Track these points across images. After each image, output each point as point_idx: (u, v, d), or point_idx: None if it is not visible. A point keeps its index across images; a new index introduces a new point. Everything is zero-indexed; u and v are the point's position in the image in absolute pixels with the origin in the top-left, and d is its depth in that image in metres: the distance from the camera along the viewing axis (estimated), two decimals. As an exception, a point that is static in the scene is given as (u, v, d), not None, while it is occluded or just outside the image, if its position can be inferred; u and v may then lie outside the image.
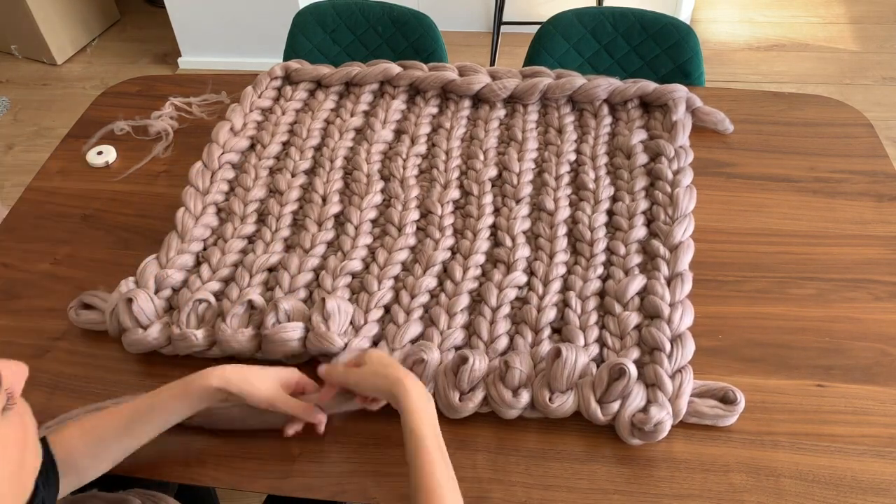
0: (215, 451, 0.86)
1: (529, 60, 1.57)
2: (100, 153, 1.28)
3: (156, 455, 0.86)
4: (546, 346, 0.92)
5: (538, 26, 1.59)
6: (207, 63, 2.86)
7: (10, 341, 1.00)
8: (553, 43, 1.55)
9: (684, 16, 2.87)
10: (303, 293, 1.00)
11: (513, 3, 2.86)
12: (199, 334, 0.92)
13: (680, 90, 1.27)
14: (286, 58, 1.62)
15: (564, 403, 0.85)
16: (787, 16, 3.04)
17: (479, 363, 0.86)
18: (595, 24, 1.54)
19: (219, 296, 1.01)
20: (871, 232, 1.08)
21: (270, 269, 1.04)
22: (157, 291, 1.00)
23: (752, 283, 1.02)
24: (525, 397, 0.86)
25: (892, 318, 0.97)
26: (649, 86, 1.28)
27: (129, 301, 0.94)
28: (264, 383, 0.80)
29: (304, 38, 1.62)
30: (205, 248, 1.08)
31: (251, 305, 0.95)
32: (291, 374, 0.84)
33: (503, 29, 2.74)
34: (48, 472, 0.71)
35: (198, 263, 1.06)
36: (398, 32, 1.59)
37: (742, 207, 1.13)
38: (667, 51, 1.50)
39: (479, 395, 0.87)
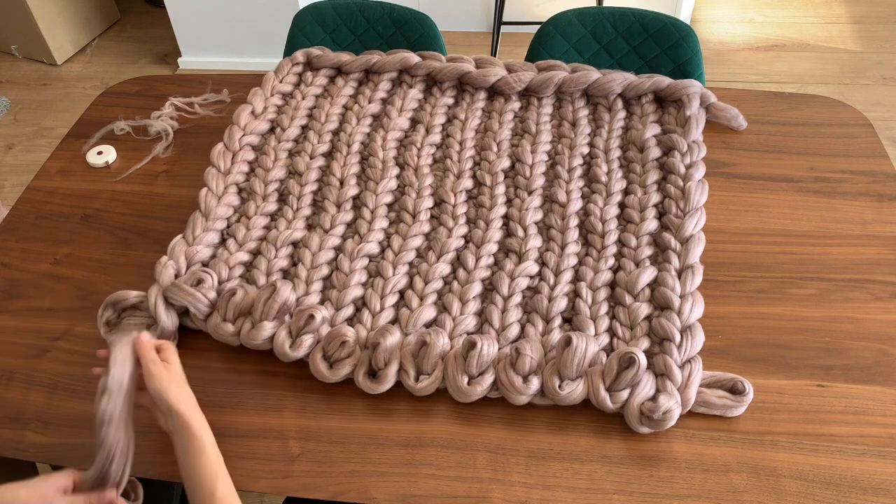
0: (215, 451, 0.86)
1: (529, 60, 1.56)
2: (100, 153, 1.28)
3: (156, 455, 0.86)
4: (557, 335, 0.93)
5: (538, 26, 1.59)
6: (207, 63, 2.86)
7: (10, 341, 1.00)
8: (553, 43, 1.55)
9: (684, 16, 2.87)
10: (326, 269, 1.03)
11: (513, 3, 2.86)
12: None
13: (695, 85, 1.28)
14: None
15: (574, 391, 0.86)
16: (787, 16, 3.05)
17: (487, 348, 0.87)
18: (595, 24, 1.54)
19: (248, 266, 1.04)
20: (871, 232, 1.08)
21: (293, 245, 1.07)
22: (188, 267, 1.03)
23: (752, 283, 1.02)
24: (535, 384, 0.87)
25: (892, 318, 0.97)
26: (664, 81, 1.29)
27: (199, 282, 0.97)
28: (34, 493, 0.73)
29: (304, 38, 1.62)
30: (228, 226, 1.11)
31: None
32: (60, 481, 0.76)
33: (503, 29, 2.74)
34: None
35: (223, 241, 1.09)
36: (398, 32, 1.59)
37: (742, 207, 1.13)
38: (667, 51, 1.50)
39: (488, 380, 0.88)
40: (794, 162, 1.21)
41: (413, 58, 1.35)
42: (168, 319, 0.95)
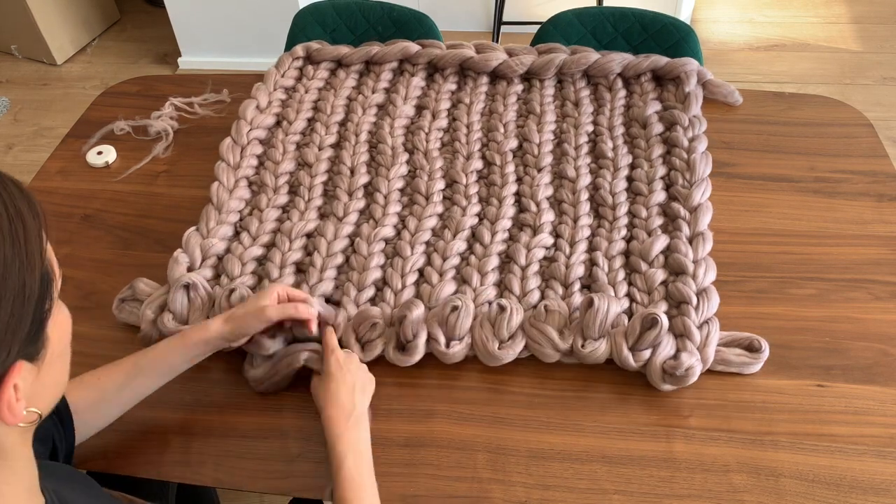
0: (215, 451, 0.86)
1: (529, 60, 1.56)
2: (100, 153, 1.28)
3: (156, 455, 0.86)
4: (577, 299, 0.96)
5: (538, 26, 1.59)
6: (207, 63, 2.86)
7: (10, 341, 0.99)
8: (553, 43, 1.54)
9: (684, 16, 2.87)
10: (340, 258, 1.04)
11: (513, 3, 2.86)
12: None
13: (691, 63, 1.31)
14: (286, 58, 1.62)
15: (597, 349, 0.89)
16: (787, 16, 3.04)
17: (517, 313, 0.91)
18: (595, 24, 1.54)
19: (261, 260, 1.05)
20: (871, 232, 1.08)
21: (308, 235, 1.08)
22: (203, 260, 1.04)
23: (752, 283, 1.02)
24: (566, 339, 0.90)
25: (892, 318, 0.97)
26: (661, 59, 1.32)
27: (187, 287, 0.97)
28: (254, 310, 0.85)
29: (304, 38, 1.62)
30: (241, 219, 1.12)
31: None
32: (273, 295, 0.87)
33: (503, 29, 2.74)
34: (63, 416, 0.73)
35: (236, 233, 1.10)
36: (398, 32, 1.59)
37: (742, 207, 1.13)
38: (667, 51, 1.49)
39: (519, 344, 0.91)
40: (794, 162, 1.21)
41: (413, 47, 1.37)
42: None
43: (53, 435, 0.72)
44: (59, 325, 0.55)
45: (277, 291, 0.88)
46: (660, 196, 1.10)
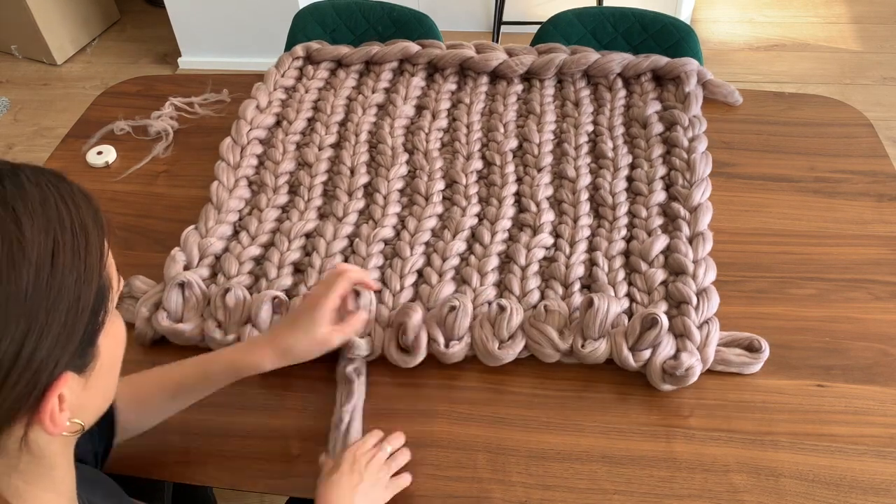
0: (215, 451, 0.86)
1: (529, 60, 1.56)
2: (100, 153, 1.28)
3: (156, 455, 0.86)
4: (577, 299, 0.96)
5: (538, 26, 1.59)
6: (207, 63, 2.86)
7: (10, 341, 0.99)
8: (553, 43, 1.55)
9: (684, 16, 2.87)
10: (339, 259, 1.04)
11: (513, 3, 2.85)
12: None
13: (691, 63, 1.31)
14: (286, 58, 1.62)
15: (597, 349, 0.89)
16: (787, 16, 3.04)
17: (516, 313, 0.91)
18: (595, 24, 1.54)
19: (259, 260, 1.05)
20: (871, 232, 1.08)
21: (307, 236, 1.08)
22: (200, 259, 1.04)
23: (752, 283, 1.02)
24: (566, 339, 0.90)
25: (892, 318, 0.97)
26: (661, 59, 1.32)
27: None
28: (314, 343, 0.81)
29: (304, 38, 1.62)
30: (240, 219, 1.12)
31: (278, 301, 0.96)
32: (331, 304, 0.82)
33: (503, 29, 2.74)
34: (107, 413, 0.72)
35: (235, 233, 1.10)
36: (398, 32, 1.59)
37: (742, 207, 1.13)
38: (667, 51, 1.49)
39: (519, 344, 0.91)
40: (794, 162, 1.21)
41: (413, 47, 1.37)
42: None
43: (94, 430, 0.71)
44: (112, 336, 0.53)
45: (339, 300, 0.83)
46: (660, 196, 1.10)
